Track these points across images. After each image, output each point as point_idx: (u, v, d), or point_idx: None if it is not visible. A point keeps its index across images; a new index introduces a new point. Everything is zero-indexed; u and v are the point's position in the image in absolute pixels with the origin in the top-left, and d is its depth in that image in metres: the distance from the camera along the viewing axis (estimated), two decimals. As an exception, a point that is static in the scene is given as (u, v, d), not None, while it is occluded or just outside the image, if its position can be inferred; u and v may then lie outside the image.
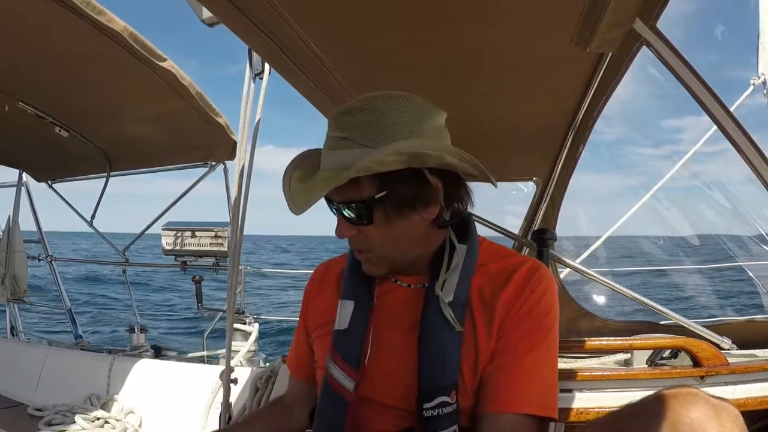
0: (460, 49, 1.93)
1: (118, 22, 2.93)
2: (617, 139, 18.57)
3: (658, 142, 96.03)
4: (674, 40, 1.87)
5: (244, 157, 2.64)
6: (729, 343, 2.44)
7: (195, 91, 3.77)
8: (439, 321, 1.31)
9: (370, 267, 1.39)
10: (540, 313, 1.34)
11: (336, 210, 1.33)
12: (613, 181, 36.53)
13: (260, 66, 2.51)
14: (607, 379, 2.09)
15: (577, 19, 1.64)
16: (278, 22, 1.66)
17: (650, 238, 9.07)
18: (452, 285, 1.34)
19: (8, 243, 5.64)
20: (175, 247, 5.30)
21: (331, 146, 1.30)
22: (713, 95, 1.98)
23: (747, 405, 1.99)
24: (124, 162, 5.17)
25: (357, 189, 1.26)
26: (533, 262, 1.41)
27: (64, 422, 3.68)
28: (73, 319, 5.84)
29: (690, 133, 57.86)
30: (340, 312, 1.42)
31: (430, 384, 1.28)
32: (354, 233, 1.33)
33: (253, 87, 2.57)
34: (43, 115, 4.10)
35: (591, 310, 3.67)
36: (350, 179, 1.21)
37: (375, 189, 1.26)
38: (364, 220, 1.30)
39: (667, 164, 5.03)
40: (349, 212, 1.30)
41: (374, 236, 1.32)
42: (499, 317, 1.33)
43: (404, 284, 1.46)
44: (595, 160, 2.96)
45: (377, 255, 1.36)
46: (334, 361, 1.37)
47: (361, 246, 1.36)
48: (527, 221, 3.60)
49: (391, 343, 1.39)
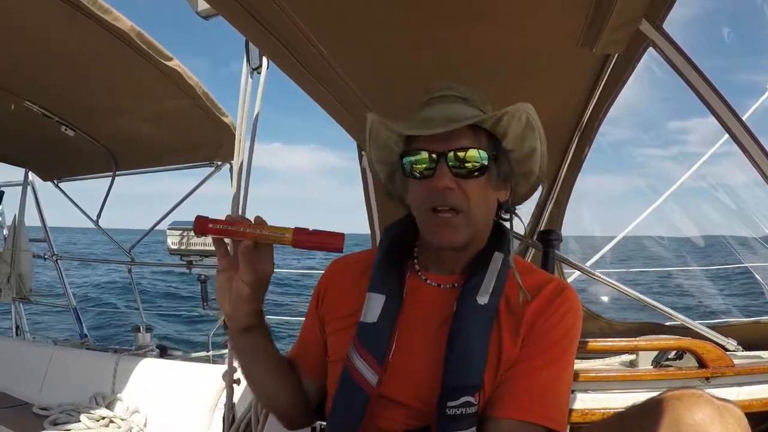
0: (465, 49, 1.93)
1: (124, 21, 2.94)
2: (622, 140, 18.55)
3: (664, 143, 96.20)
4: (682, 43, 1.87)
5: (243, 154, 2.57)
6: (734, 344, 2.43)
7: (201, 91, 3.78)
8: (472, 321, 1.32)
9: (454, 233, 1.35)
10: (562, 329, 1.35)
11: (441, 159, 1.32)
12: (617, 183, 36.54)
13: (258, 60, 2.49)
14: (612, 380, 2.08)
15: (583, 20, 1.64)
16: (277, 14, 1.65)
17: (654, 238, 9.08)
18: (488, 288, 1.35)
19: (14, 242, 5.65)
20: (181, 247, 5.31)
21: (445, 102, 1.40)
22: (720, 96, 1.97)
23: (752, 406, 1.99)
24: (129, 161, 5.19)
25: (477, 139, 1.33)
26: (561, 281, 1.44)
27: (69, 421, 3.69)
28: (79, 318, 5.85)
29: (695, 134, 56.90)
30: (368, 304, 1.40)
31: (457, 382, 1.27)
32: (455, 186, 1.32)
33: (251, 82, 2.53)
34: (49, 114, 4.11)
35: (596, 312, 3.66)
36: (472, 128, 1.32)
37: (490, 147, 1.35)
38: (476, 170, 1.32)
39: (673, 165, 5.05)
40: (465, 162, 1.32)
41: (475, 194, 1.33)
42: (525, 327, 1.34)
43: (434, 284, 1.46)
44: (600, 161, 2.96)
45: (469, 216, 1.34)
46: (360, 353, 1.35)
47: (457, 203, 1.33)
48: (533, 222, 3.59)
49: (415, 341, 1.38)
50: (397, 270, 1.45)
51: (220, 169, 5.03)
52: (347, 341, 1.39)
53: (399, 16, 1.71)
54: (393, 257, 1.48)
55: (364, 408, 1.33)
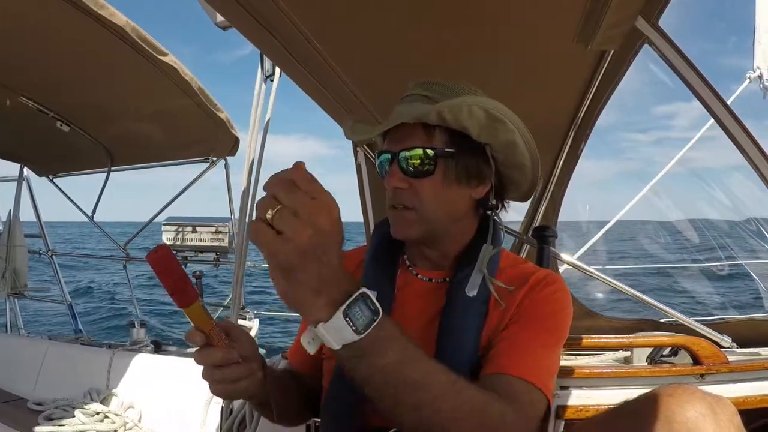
0: (460, 48, 1.93)
1: (120, 16, 2.93)
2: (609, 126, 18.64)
3: (647, 128, 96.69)
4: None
5: (254, 152, 2.78)
6: (729, 341, 2.44)
7: (197, 87, 3.77)
8: (462, 314, 1.33)
9: (406, 227, 1.37)
10: (549, 308, 1.35)
11: (394, 159, 1.35)
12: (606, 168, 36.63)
13: (271, 69, 2.72)
14: (606, 376, 2.08)
15: (578, 17, 1.64)
16: (288, 28, 1.67)
17: (643, 222, 9.10)
18: (476, 280, 1.35)
19: (9, 237, 5.64)
20: (176, 242, 5.31)
21: (409, 101, 1.39)
22: (714, 93, 1.98)
23: (747, 403, 1.99)
24: (125, 157, 5.18)
25: (429, 137, 1.33)
26: (550, 272, 1.44)
27: (64, 416, 3.67)
28: (73, 314, 5.83)
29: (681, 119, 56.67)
30: None
31: None
32: (405, 186, 1.34)
33: (264, 88, 2.76)
34: (44, 110, 4.10)
35: (591, 308, 3.67)
36: (425, 126, 1.32)
37: (445, 144, 1.33)
38: (425, 170, 1.33)
39: (657, 149, 5.09)
40: (411, 161, 1.33)
41: (426, 192, 1.34)
42: (513, 311, 1.34)
43: (425, 278, 1.47)
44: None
45: (420, 214, 1.35)
46: None
47: (407, 201, 1.35)
48: (528, 218, 3.60)
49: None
50: (388, 266, 1.47)
51: (215, 165, 5.03)
52: None
53: (398, 19, 1.72)
54: (383, 254, 1.50)
55: (357, 404, 1.33)
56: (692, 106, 2.03)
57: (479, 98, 1.31)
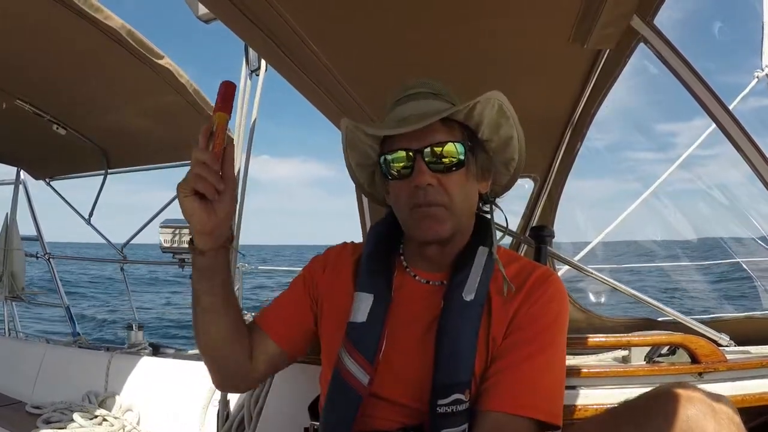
0: (457, 47, 1.93)
1: (116, 19, 2.93)
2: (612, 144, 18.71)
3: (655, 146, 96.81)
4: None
5: (241, 156, 2.65)
6: (727, 339, 2.44)
7: (192, 89, 3.76)
8: (459, 318, 1.32)
9: (438, 225, 1.36)
10: (548, 317, 1.35)
11: (416, 156, 1.33)
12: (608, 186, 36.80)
13: (257, 62, 2.51)
14: (604, 375, 2.08)
15: (574, 15, 1.64)
16: (274, 18, 1.65)
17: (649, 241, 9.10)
18: (474, 283, 1.35)
19: (6, 241, 5.63)
20: (173, 245, 5.29)
21: (417, 99, 1.40)
22: (710, 91, 1.98)
23: (745, 401, 1.99)
24: (121, 159, 5.17)
25: (451, 132, 1.35)
26: (546, 269, 1.44)
27: (62, 420, 3.66)
28: (71, 317, 5.83)
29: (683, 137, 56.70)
30: (357, 304, 1.39)
31: (447, 380, 1.27)
32: (434, 182, 1.33)
33: (250, 84, 2.58)
34: (40, 113, 4.09)
35: (588, 307, 3.67)
36: (443, 122, 1.33)
37: (464, 138, 1.36)
38: (455, 164, 1.34)
39: (662, 166, 5.07)
40: (442, 157, 1.33)
41: (455, 187, 1.34)
42: (510, 316, 1.34)
43: (423, 280, 1.46)
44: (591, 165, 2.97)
45: (452, 209, 1.35)
46: (350, 354, 1.34)
47: (437, 197, 1.34)
48: (525, 218, 3.59)
49: (405, 340, 1.38)
50: (384, 268, 1.45)
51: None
52: (338, 342, 1.39)
53: (394, 18, 1.72)
54: (379, 256, 1.48)
55: (356, 409, 1.33)
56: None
57: (496, 93, 1.32)
